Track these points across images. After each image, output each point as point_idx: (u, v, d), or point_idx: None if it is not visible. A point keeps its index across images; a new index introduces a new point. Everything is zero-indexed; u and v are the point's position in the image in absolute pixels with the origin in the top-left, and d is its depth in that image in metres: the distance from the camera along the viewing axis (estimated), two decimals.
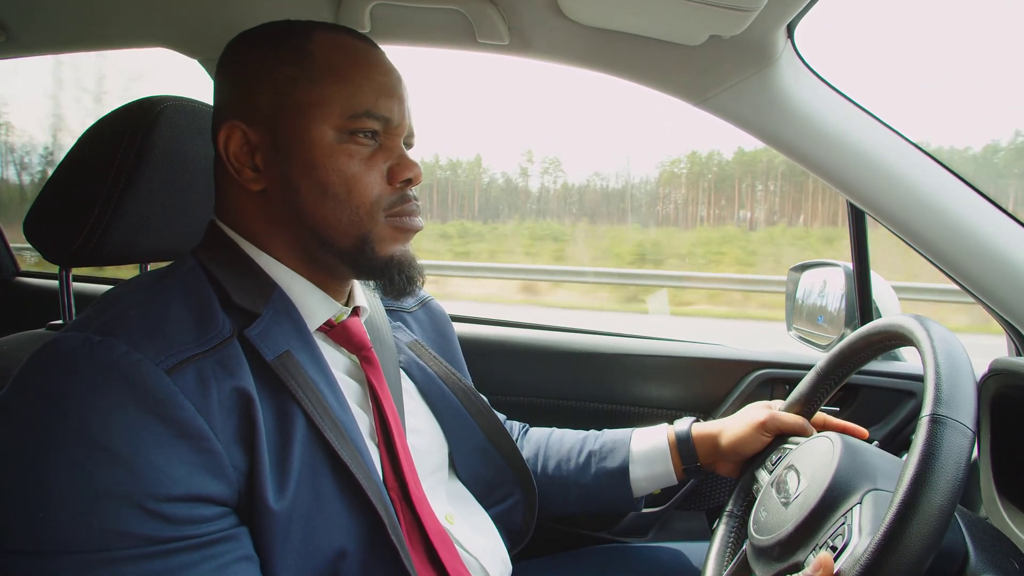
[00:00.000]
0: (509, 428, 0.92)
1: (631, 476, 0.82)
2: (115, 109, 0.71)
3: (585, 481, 0.84)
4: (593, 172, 9.82)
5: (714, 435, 0.81)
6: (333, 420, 0.55)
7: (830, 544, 0.50)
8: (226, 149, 0.60)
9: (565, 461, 0.85)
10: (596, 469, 0.83)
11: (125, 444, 0.45)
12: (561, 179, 11.47)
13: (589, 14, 0.82)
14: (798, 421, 0.76)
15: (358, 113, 0.59)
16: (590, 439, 0.87)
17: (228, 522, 0.49)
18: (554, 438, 0.89)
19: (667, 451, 0.82)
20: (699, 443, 0.82)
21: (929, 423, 0.46)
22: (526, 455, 0.88)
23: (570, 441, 0.87)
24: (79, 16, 0.99)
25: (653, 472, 0.83)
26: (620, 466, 0.82)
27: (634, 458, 0.83)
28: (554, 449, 0.87)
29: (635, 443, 0.84)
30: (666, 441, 0.83)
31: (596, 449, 0.85)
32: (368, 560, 0.55)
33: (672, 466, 0.82)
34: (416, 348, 0.77)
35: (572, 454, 0.85)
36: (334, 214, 0.59)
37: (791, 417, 0.77)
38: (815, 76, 0.88)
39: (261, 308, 0.57)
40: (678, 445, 0.82)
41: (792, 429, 0.76)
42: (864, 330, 0.68)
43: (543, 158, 11.88)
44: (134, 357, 0.48)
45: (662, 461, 0.82)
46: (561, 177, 11.40)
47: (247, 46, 0.62)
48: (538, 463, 0.87)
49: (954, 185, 0.86)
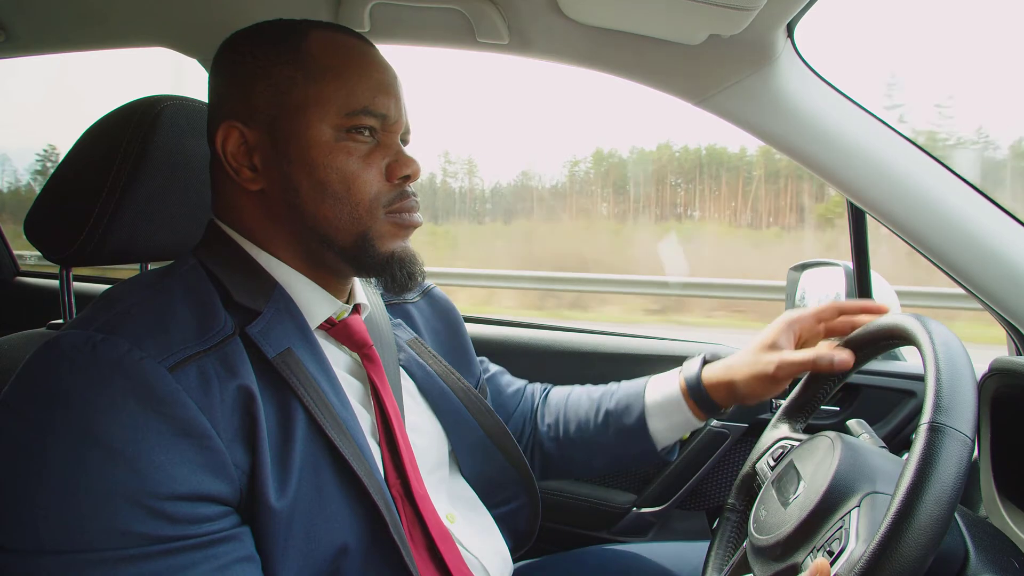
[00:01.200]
0: (531, 391, 0.92)
1: (650, 430, 0.80)
2: (115, 108, 0.71)
3: (607, 441, 0.83)
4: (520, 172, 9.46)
5: (728, 383, 0.77)
6: (334, 417, 0.55)
7: (827, 548, 0.50)
8: (224, 149, 0.60)
9: (584, 423, 0.84)
10: (615, 428, 0.82)
11: (127, 442, 0.45)
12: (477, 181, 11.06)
13: (589, 13, 0.82)
14: (807, 359, 0.69)
15: (356, 110, 0.59)
16: (606, 397, 0.85)
17: (229, 522, 0.49)
18: (572, 400, 0.88)
19: (681, 400, 0.79)
20: (713, 390, 0.78)
21: (927, 431, 0.46)
22: (547, 420, 0.87)
23: (587, 402, 0.86)
24: (78, 16, 0.99)
25: (672, 423, 0.80)
26: (638, 422, 0.80)
27: (650, 412, 0.80)
28: (572, 412, 0.86)
29: (649, 395, 0.82)
30: (679, 390, 0.80)
31: (612, 408, 0.83)
32: (370, 557, 0.55)
33: (690, 413, 0.79)
34: (416, 346, 0.77)
35: (590, 415, 0.84)
36: (334, 212, 0.59)
37: (800, 357, 0.70)
38: (815, 75, 0.88)
39: (262, 306, 0.57)
40: (690, 393, 0.79)
41: (803, 367, 0.71)
42: (864, 329, 0.67)
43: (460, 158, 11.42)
44: (136, 355, 0.48)
45: (678, 411, 0.79)
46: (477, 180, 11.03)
47: (243, 46, 0.61)
48: (559, 428, 0.86)
49: (954, 184, 0.86)
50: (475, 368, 0.85)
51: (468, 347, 0.86)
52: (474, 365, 0.85)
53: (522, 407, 0.90)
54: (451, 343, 0.83)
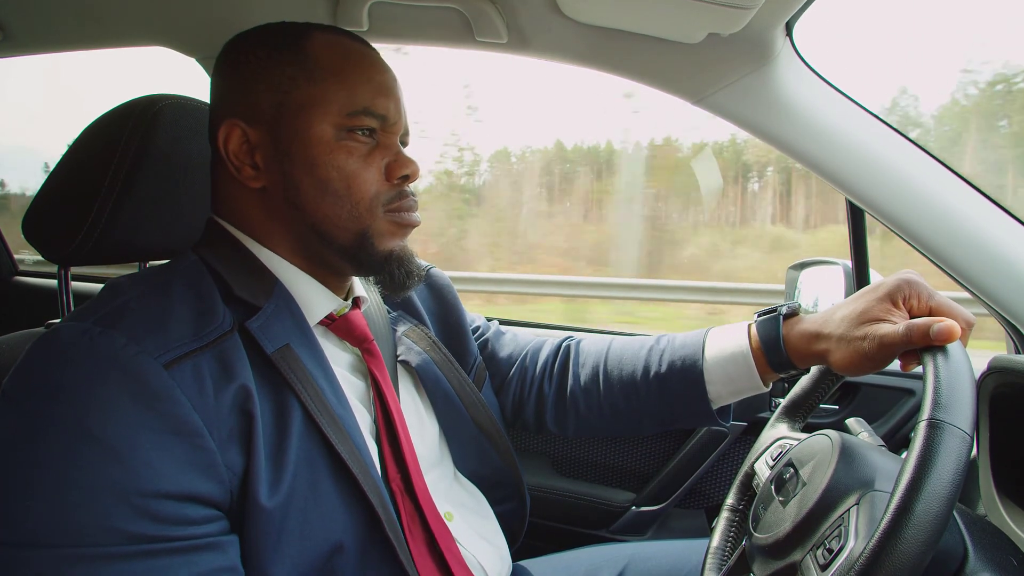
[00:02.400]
0: (554, 347, 0.87)
1: (709, 395, 0.73)
2: (113, 107, 0.71)
3: (654, 403, 0.77)
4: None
5: (819, 355, 0.66)
6: (331, 414, 0.56)
7: (827, 546, 0.51)
8: (226, 148, 0.61)
9: (632, 392, 0.77)
10: (665, 394, 0.75)
11: (119, 437, 0.45)
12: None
13: (588, 12, 0.82)
14: (914, 332, 0.55)
15: (357, 111, 0.60)
16: (653, 359, 0.77)
17: (216, 527, 0.49)
18: (612, 361, 0.80)
19: (749, 358, 0.70)
20: (795, 351, 0.68)
21: (927, 428, 0.46)
22: (583, 381, 0.81)
23: (630, 364, 0.78)
24: (77, 15, 0.99)
25: (736, 386, 0.73)
26: (695, 388, 0.73)
27: (710, 379, 0.73)
28: (615, 376, 0.79)
29: (710, 350, 0.73)
30: (746, 346, 0.71)
31: (664, 362, 0.75)
32: (366, 555, 0.55)
33: (757, 375, 0.71)
34: (414, 335, 0.77)
35: (637, 377, 0.77)
36: (334, 210, 0.60)
37: (907, 333, 0.56)
38: (814, 74, 0.88)
39: (263, 302, 0.57)
40: (766, 350, 0.69)
41: (908, 341, 0.56)
42: None
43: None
44: (133, 350, 0.48)
45: (745, 370, 0.71)
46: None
47: (246, 47, 0.62)
48: (600, 393, 0.80)
49: (953, 183, 0.86)
50: (472, 347, 0.84)
51: (465, 327, 0.85)
52: (471, 344, 0.84)
53: (520, 363, 0.87)
54: (449, 324, 0.83)
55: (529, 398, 0.85)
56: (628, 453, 1.24)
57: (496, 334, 0.90)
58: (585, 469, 1.27)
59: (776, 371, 0.70)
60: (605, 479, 1.25)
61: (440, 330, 0.82)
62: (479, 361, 0.85)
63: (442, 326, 0.83)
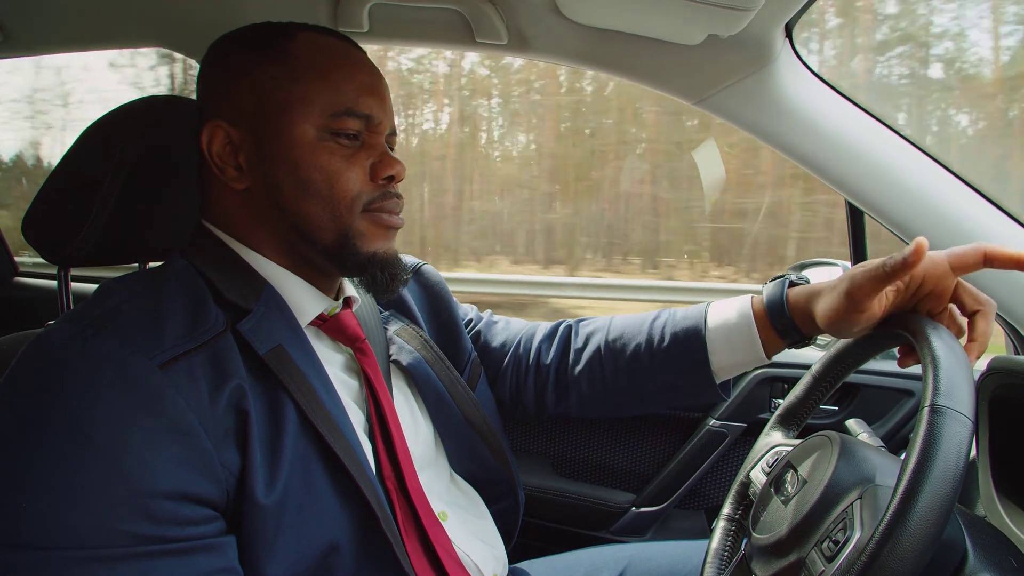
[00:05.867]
0: (551, 328, 0.87)
1: (712, 366, 0.73)
2: (112, 109, 0.71)
3: (656, 376, 0.77)
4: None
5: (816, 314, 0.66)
6: (325, 413, 0.56)
7: (832, 538, 0.51)
8: (209, 149, 0.61)
9: (636, 366, 0.78)
10: (669, 365, 0.76)
11: (113, 438, 0.45)
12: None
13: (587, 13, 0.82)
14: (889, 260, 0.56)
15: (339, 111, 0.59)
16: (655, 331, 0.77)
17: (213, 528, 0.49)
18: (613, 336, 0.80)
19: (752, 326, 0.71)
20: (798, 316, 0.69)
21: (929, 413, 0.47)
22: (585, 358, 0.81)
23: (632, 338, 0.78)
24: (78, 16, 0.99)
25: (739, 359, 0.73)
26: (698, 357, 0.73)
27: (713, 349, 0.73)
28: (618, 351, 0.79)
29: (712, 319, 0.73)
30: (750, 315, 0.71)
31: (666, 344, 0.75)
32: (361, 553, 0.55)
33: (760, 345, 0.71)
34: (405, 334, 0.77)
35: (640, 351, 0.77)
36: (316, 210, 0.60)
37: (883, 262, 0.57)
38: (813, 75, 0.88)
39: (252, 304, 0.57)
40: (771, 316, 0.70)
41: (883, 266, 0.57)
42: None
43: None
44: (127, 350, 0.48)
45: (748, 339, 0.71)
46: None
47: (229, 47, 0.62)
48: (603, 368, 0.80)
49: (953, 184, 0.86)
50: (466, 344, 0.84)
51: (458, 323, 0.84)
52: (464, 341, 0.84)
53: (514, 349, 0.86)
54: (441, 321, 0.83)
55: (527, 381, 0.84)
56: (628, 454, 1.24)
57: (488, 324, 0.90)
58: (585, 470, 1.27)
59: (780, 336, 0.70)
60: (605, 480, 1.25)
61: (433, 328, 0.82)
62: (473, 357, 0.84)
63: (435, 324, 0.83)
